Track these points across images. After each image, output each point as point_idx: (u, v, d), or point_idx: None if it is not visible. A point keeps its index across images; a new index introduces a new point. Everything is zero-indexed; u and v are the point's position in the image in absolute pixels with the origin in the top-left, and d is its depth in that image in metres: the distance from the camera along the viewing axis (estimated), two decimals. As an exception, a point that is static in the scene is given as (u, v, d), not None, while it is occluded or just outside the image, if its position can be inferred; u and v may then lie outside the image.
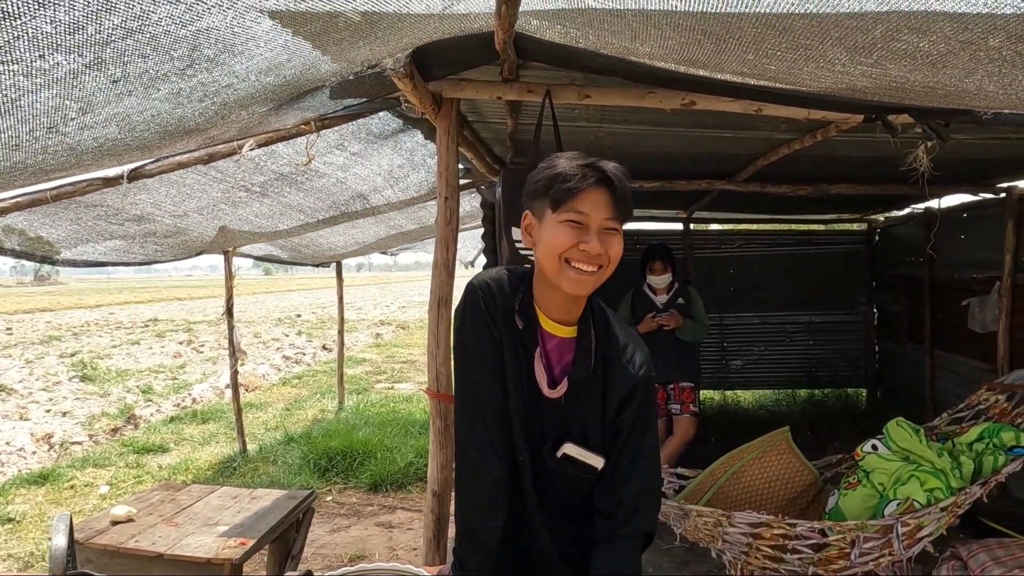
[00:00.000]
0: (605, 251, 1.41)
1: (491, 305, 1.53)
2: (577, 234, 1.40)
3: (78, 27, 1.40)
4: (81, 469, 6.34)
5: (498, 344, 1.52)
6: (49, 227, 3.75)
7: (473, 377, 1.53)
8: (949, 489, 3.15)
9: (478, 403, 1.52)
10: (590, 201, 1.40)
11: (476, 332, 1.52)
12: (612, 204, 1.41)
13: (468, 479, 1.53)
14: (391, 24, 1.95)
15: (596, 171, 1.41)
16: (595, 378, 1.53)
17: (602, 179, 1.40)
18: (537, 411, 1.53)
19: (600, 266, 1.42)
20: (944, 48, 1.24)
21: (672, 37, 1.72)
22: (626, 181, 1.44)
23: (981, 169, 4.95)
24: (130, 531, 2.94)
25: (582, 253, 1.40)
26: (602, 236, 1.41)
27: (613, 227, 1.42)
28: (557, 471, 1.54)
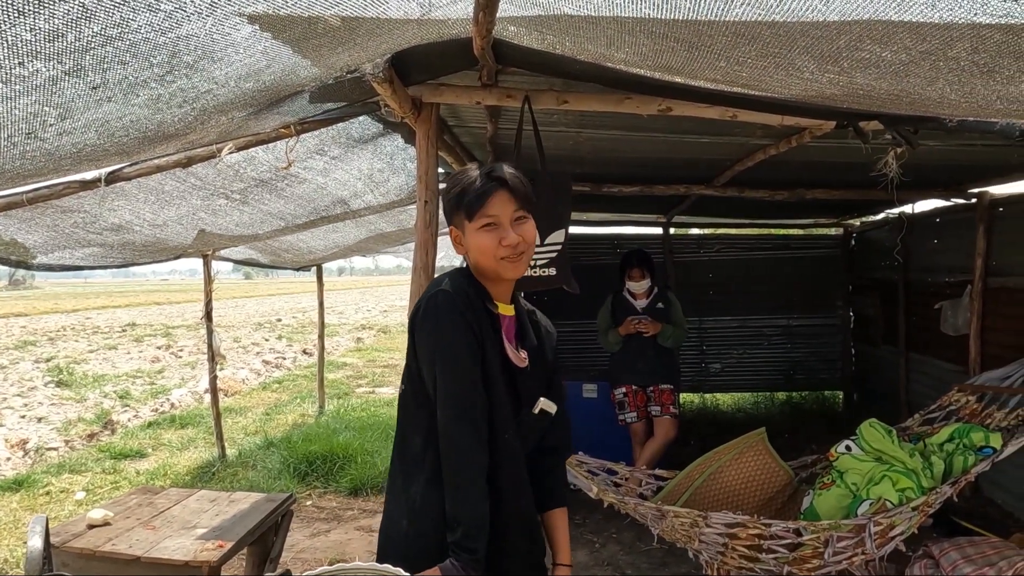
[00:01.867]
0: (522, 238, 1.68)
1: (467, 306, 1.68)
2: (496, 233, 1.67)
3: (58, 34, 1.41)
4: (57, 475, 6.27)
5: (479, 342, 1.67)
6: (25, 232, 3.71)
7: (459, 374, 1.65)
8: (920, 489, 3.21)
9: (466, 399, 1.64)
10: (496, 203, 1.67)
11: (459, 333, 1.65)
12: (514, 199, 1.68)
13: (465, 471, 1.62)
14: (370, 29, 1.97)
15: (492, 179, 1.68)
16: (538, 342, 1.86)
17: (500, 182, 1.68)
18: (514, 384, 1.75)
19: (523, 251, 1.70)
20: (906, 57, 1.28)
21: (646, 44, 1.75)
22: (520, 175, 1.73)
23: (952, 175, 5.05)
24: (107, 535, 2.92)
25: (506, 248, 1.67)
26: (515, 226, 1.68)
27: (521, 216, 1.70)
28: (532, 428, 1.80)
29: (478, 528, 1.60)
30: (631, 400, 4.99)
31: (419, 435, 1.71)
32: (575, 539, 4.57)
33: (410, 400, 1.75)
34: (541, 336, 1.88)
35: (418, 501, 1.69)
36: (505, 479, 1.71)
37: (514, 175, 1.70)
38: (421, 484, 1.69)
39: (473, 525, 1.60)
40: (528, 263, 1.75)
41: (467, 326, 1.65)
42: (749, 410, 8.52)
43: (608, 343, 5.06)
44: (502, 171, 1.70)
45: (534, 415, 1.78)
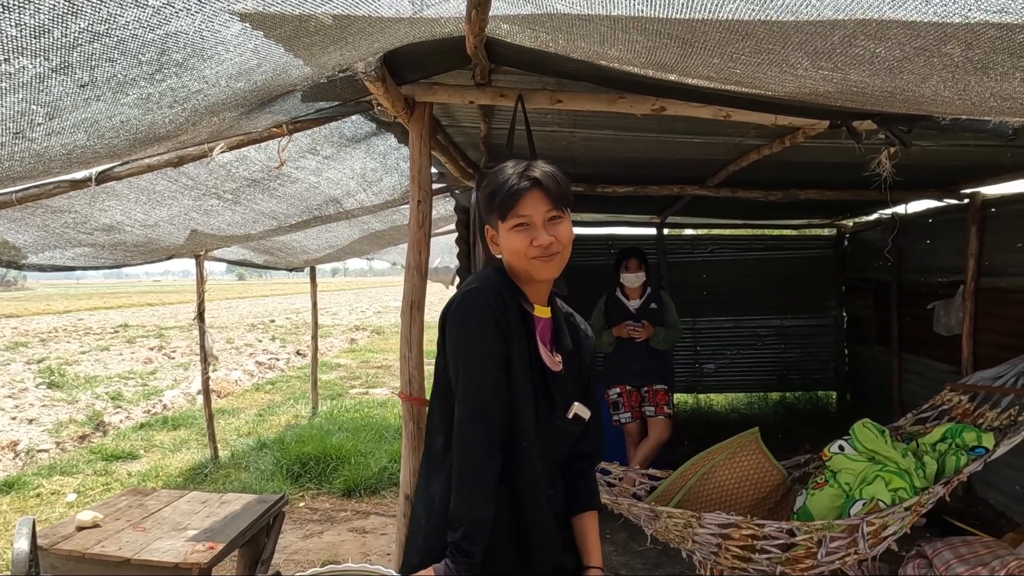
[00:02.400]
0: (555, 238, 1.64)
1: (499, 306, 1.67)
2: (528, 234, 1.64)
3: (44, 30, 1.39)
4: (48, 477, 6.23)
5: (505, 344, 1.66)
6: (15, 232, 3.69)
7: (479, 376, 1.65)
8: (913, 489, 3.21)
9: (482, 401, 1.64)
10: (529, 203, 1.64)
11: (485, 334, 1.65)
12: (547, 199, 1.64)
13: (472, 472, 1.63)
14: (362, 28, 1.95)
15: (525, 178, 1.65)
16: (573, 346, 1.83)
17: (532, 182, 1.64)
18: (546, 387, 1.73)
19: (557, 251, 1.66)
20: (900, 54, 1.28)
21: (639, 41, 1.75)
22: (556, 173, 1.68)
23: (945, 175, 5.06)
24: (96, 536, 2.90)
25: (537, 248, 1.63)
26: (548, 227, 1.64)
27: (555, 215, 1.65)
28: (565, 432, 1.78)
29: (478, 531, 1.59)
30: (625, 400, 5.00)
31: (441, 434, 1.73)
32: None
33: (436, 398, 1.76)
34: (578, 340, 1.86)
35: (437, 499, 1.70)
36: (521, 486, 1.70)
37: (549, 173, 1.67)
38: (441, 483, 1.70)
39: (473, 528, 1.59)
40: (563, 264, 1.71)
41: (495, 328, 1.64)
42: (743, 410, 8.53)
43: (602, 344, 5.06)
44: (536, 170, 1.66)
45: (568, 420, 1.76)
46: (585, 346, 1.88)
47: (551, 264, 1.67)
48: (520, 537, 1.71)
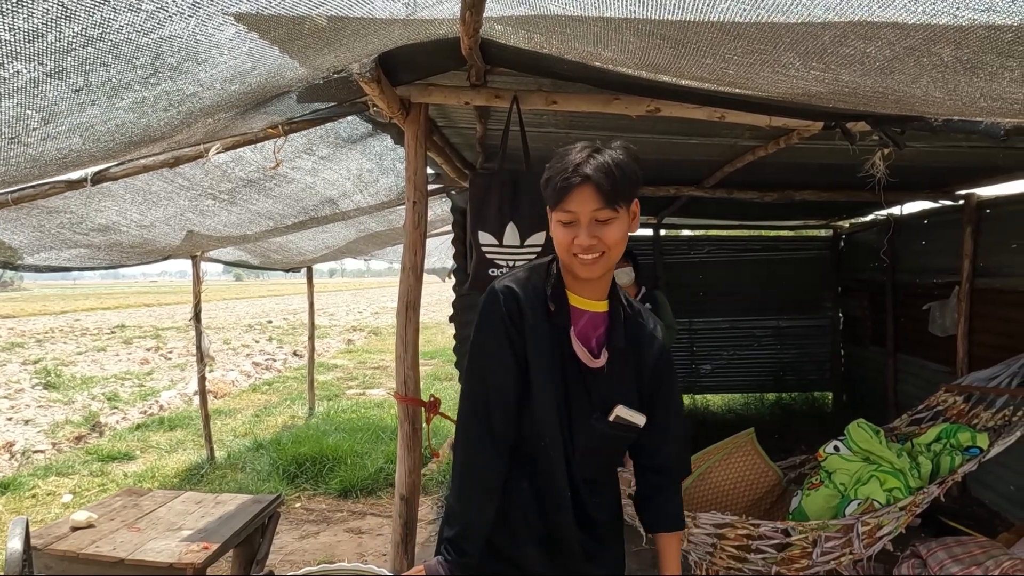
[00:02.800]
0: (599, 239, 1.55)
1: (512, 306, 1.65)
2: (571, 231, 1.57)
3: (38, 35, 1.39)
4: (43, 478, 6.23)
5: (518, 343, 1.64)
6: (11, 233, 3.69)
7: (482, 373, 1.66)
8: (908, 489, 3.22)
9: (482, 397, 1.64)
10: (576, 200, 1.54)
11: (494, 333, 1.65)
12: (598, 197, 1.53)
13: (469, 471, 1.64)
14: (357, 29, 1.96)
15: (577, 174, 1.53)
16: (628, 345, 1.71)
17: (585, 178, 1.53)
18: (581, 384, 1.66)
19: (602, 252, 1.57)
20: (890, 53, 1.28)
21: (632, 42, 1.75)
22: (616, 167, 1.54)
23: (939, 177, 5.08)
24: (91, 537, 2.90)
25: (578, 247, 1.56)
26: (593, 227, 1.55)
27: (603, 217, 1.55)
28: (607, 436, 1.68)
29: (474, 530, 1.60)
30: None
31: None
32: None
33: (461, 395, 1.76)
34: (640, 339, 1.75)
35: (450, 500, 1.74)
36: (542, 485, 1.68)
37: (607, 167, 1.54)
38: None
39: (469, 526, 1.60)
40: (608, 266, 1.62)
41: (503, 329, 1.63)
42: (739, 411, 8.54)
43: None
44: (591, 164, 1.54)
45: (609, 423, 1.66)
46: (650, 346, 1.75)
47: (593, 266, 1.59)
48: (546, 537, 1.70)
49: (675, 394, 1.81)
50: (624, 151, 1.59)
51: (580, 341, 1.67)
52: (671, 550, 1.77)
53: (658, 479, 1.79)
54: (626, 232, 1.61)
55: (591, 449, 1.68)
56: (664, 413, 1.76)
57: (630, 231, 1.64)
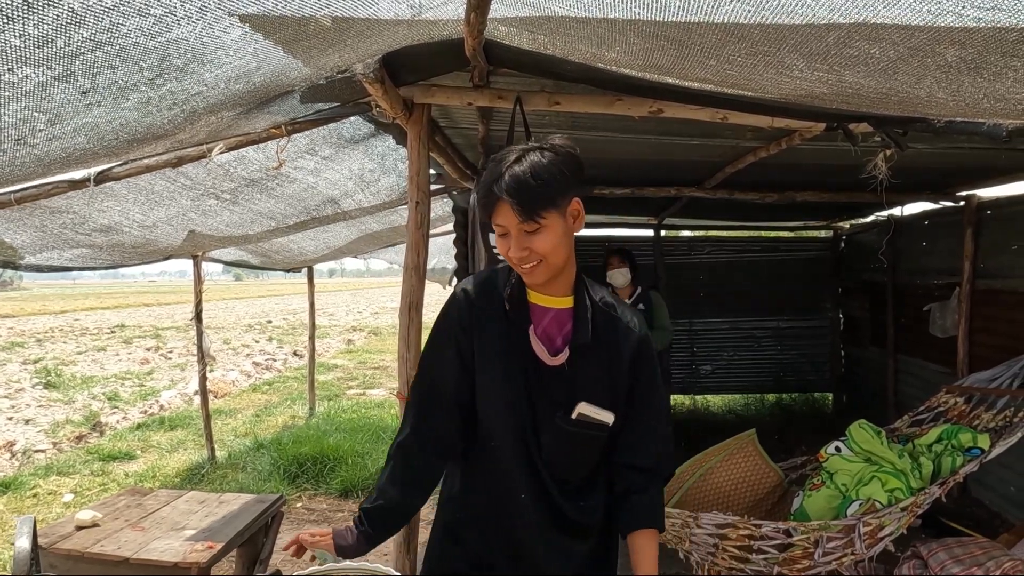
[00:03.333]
0: (530, 249, 1.53)
1: (466, 309, 1.67)
2: (505, 242, 1.56)
3: (47, 40, 1.40)
4: (44, 477, 6.23)
5: (465, 345, 1.66)
6: (13, 232, 3.69)
7: (429, 371, 1.71)
8: (909, 489, 3.23)
9: (424, 391, 1.70)
10: (500, 215, 1.53)
11: (442, 332, 1.70)
12: (516, 211, 1.49)
13: (396, 455, 1.69)
14: (361, 30, 1.96)
15: (492, 193, 1.51)
16: (597, 341, 1.65)
17: (502, 195, 1.50)
18: (541, 383, 1.63)
19: (538, 260, 1.55)
20: (894, 54, 1.29)
21: (636, 43, 1.76)
22: (532, 179, 1.49)
23: (940, 178, 5.08)
24: (95, 536, 2.91)
25: (511, 258, 1.56)
26: (522, 239, 1.53)
27: (529, 229, 1.52)
28: (571, 435, 1.63)
29: (380, 511, 1.65)
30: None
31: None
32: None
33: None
34: (612, 334, 1.68)
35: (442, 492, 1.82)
36: (487, 491, 1.69)
37: (522, 181, 1.49)
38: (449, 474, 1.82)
39: (378, 506, 1.65)
40: (551, 271, 1.58)
41: (452, 328, 1.67)
42: (739, 412, 8.55)
43: None
44: (507, 180, 1.50)
45: (572, 421, 1.62)
46: (625, 340, 1.68)
47: (533, 273, 1.57)
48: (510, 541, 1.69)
49: (656, 390, 1.73)
50: (551, 153, 1.54)
51: (544, 339, 1.64)
52: (648, 549, 1.66)
53: (640, 479, 1.70)
54: (561, 237, 1.56)
55: (559, 449, 1.65)
56: (644, 409, 1.70)
57: (574, 231, 1.61)
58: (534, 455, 1.64)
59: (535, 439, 1.64)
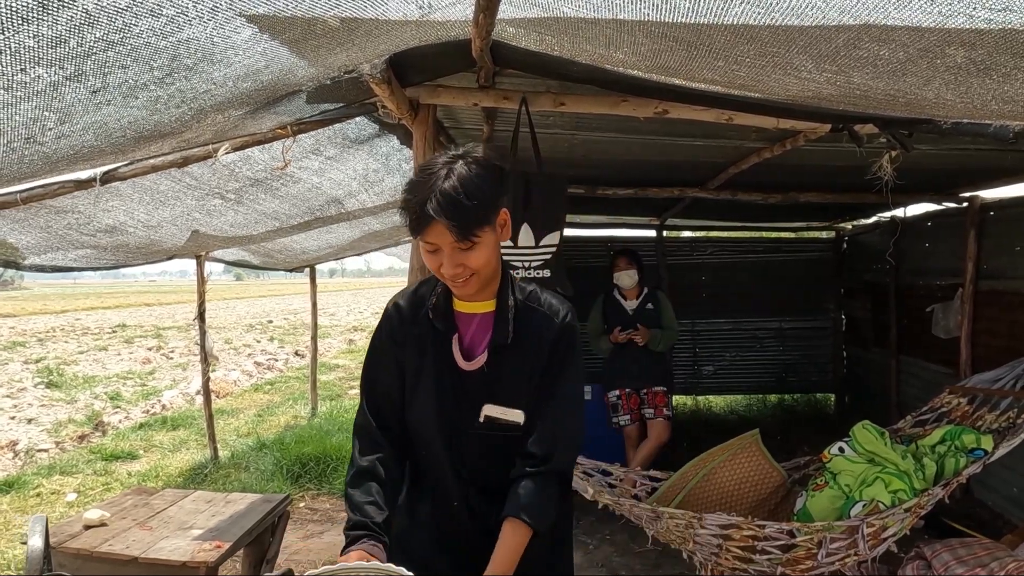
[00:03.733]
0: (464, 265, 1.51)
1: (395, 325, 1.70)
2: (436, 258, 1.52)
3: (60, 40, 1.41)
4: (47, 477, 6.23)
5: (399, 358, 1.68)
6: (18, 233, 3.69)
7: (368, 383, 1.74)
8: (912, 490, 3.23)
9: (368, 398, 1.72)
10: (433, 234, 1.48)
11: (381, 351, 1.72)
12: (449, 231, 1.45)
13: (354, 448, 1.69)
14: (369, 30, 1.97)
15: (425, 215, 1.44)
16: (519, 338, 1.62)
17: (434, 216, 1.43)
18: (465, 390, 1.64)
19: (471, 274, 1.53)
20: (903, 56, 1.30)
21: (645, 44, 1.77)
22: (464, 198, 1.44)
23: (944, 179, 5.09)
24: (103, 535, 2.91)
25: (443, 275, 1.54)
26: (456, 256, 1.49)
27: (463, 247, 1.49)
28: (482, 438, 1.63)
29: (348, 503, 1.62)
30: (624, 403, 5.01)
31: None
32: (569, 540, 4.57)
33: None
34: (531, 327, 1.64)
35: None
36: (429, 500, 1.71)
37: (451, 203, 1.43)
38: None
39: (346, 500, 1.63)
40: (481, 283, 1.57)
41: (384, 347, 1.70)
42: (742, 412, 8.55)
43: (600, 348, 5.07)
44: (438, 199, 1.43)
45: (480, 424, 1.62)
46: (546, 330, 1.64)
47: (465, 286, 1.55)
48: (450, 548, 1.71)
49: (567, 379, 1.65)
50: (477, 167, 1.50)
51: (471, 345, 1.65)
52: (505, 543, 1.55)
53: (527, 465, 1.61)
54: (493, 250, 1.56)
55: (477, 454, 1.65)
56: (549, 397, 1.63)
57: (502, 239, 1.62)
58: (457, 463, 1.66)
59: (458, 446, 1.66)
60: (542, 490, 1.59)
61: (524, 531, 1.56)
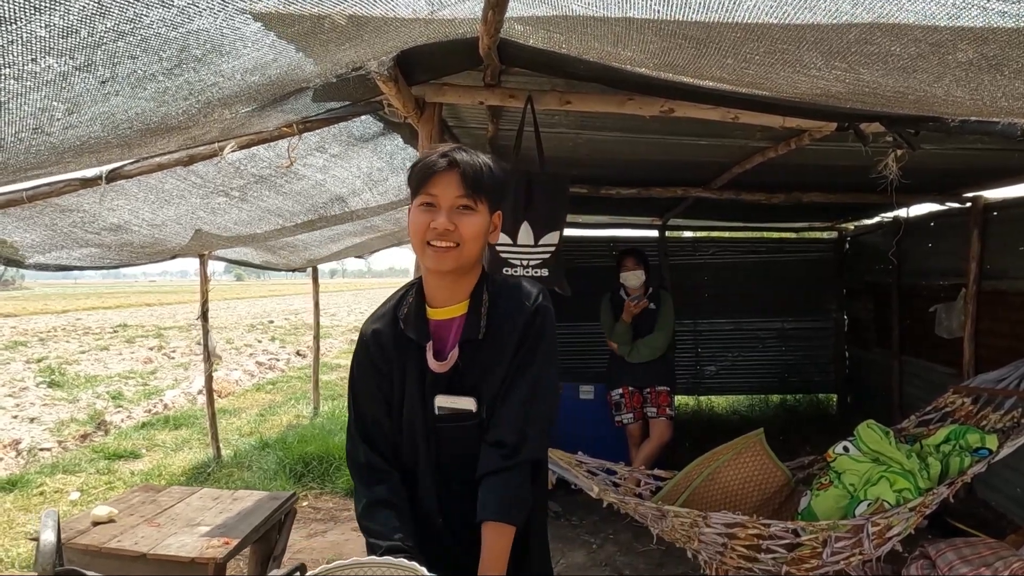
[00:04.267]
0: (456, 227, 1.53)
1: (375, 347, 1.67)
2: (428, 215, 1.54)
3: (71, 31, 1.42)
4: (50, 475, 6.24)
5: (386, 377, 1.65)
6: (23, 231, 3.69)
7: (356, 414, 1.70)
8: (917, 490, 3.23)
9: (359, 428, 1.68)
10: (440, 184, 1.53)
11: (361, 374, 1.69)
12: (461, 184, 1.53)
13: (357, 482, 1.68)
14: (377, 27, 1.97)
15: (445, 157, 1.54)
16: (494, 330, 1.61)
17: (451, 163, 1.53)
18: (441, 393, 1.62)
19: (456, 243, 1.54)
20: (915, 51, 1.30)
21: (654, 42, 1.77)
22: (483, 164, 1.57)
23: (948, 179, 5.09)
24: (112, 532, 2.92)
25: (433, 231, 1.53)
26: (453, 214, 1.54)
27: (465, 204, 1.54)
28: (441, 431, 1.62)
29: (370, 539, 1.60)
30: (627, 401, 5.01)
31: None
32: (571, 540, 4.58)
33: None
34: (504, 315, 1.62)
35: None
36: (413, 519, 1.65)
37: (474, 162, 1.55)
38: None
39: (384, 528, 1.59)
40: (460, 260, 1.56)
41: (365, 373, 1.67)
42: (744, 413, 8.55)
43: (618, 335, 5.02)
44: (459, 154, 1.55)
45: (436, 416, 1.61)
46: (518, 314, 1.61)
47: (445, 256, 1.53)
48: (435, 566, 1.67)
49: (535, 364, 1.60)
50: (493, 159, 1.61)
51: (443, 349, 1.63)
52: (493, 545, 1.52)
53: (497, 456, 1.56)
54: (484, 233, 1.58)
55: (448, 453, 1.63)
56: (517, 383, 1.59)
57: (489, 240, 1.63)
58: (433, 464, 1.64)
59: (430, 455, 1.64)
60: (513, 481, 1.56)
61: (507, 531, 1.54)
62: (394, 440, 1.67)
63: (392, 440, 1.67)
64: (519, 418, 1.57)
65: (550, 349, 1.64)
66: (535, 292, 1.66)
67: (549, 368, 1.63)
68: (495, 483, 1.55)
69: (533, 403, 1.59)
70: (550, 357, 1.64)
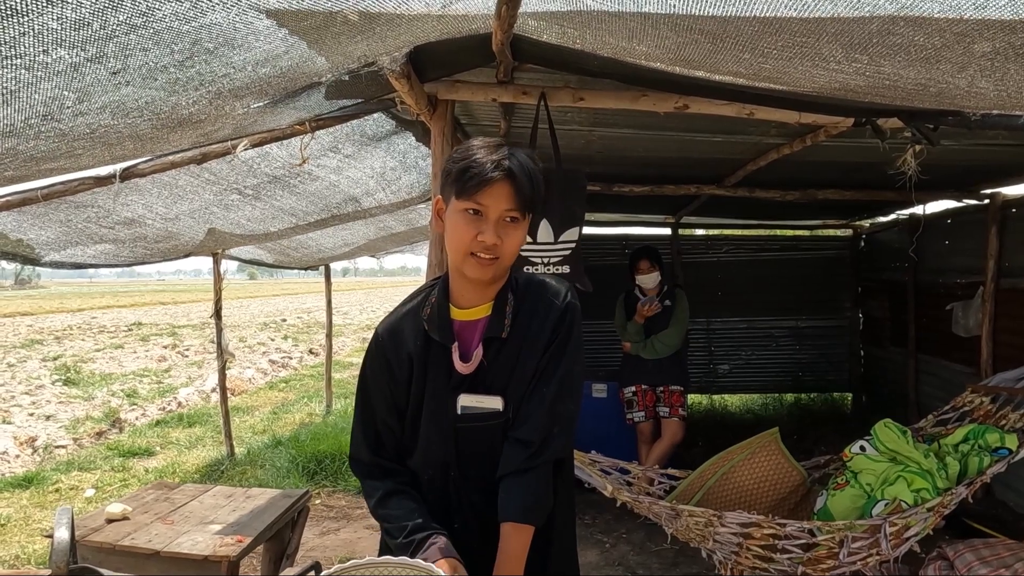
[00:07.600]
0: (501, 241, 1.48)
1: (391, 347, 1.63)
2: (476, 225, 1.48)
3: (83, 23, 1.42)
4: (66, 472, 6.28)
5: (399, 378, 1.61)
6: (38, 228, 3.72)
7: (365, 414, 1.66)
8: (935, 489, 3.19)
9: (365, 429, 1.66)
10: (492, 195, 1.47)
11: (374, 373, 1.65)
12: (513, 196, 1.47)
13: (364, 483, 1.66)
14: (389, 22, 1.97)
15: (502, 168, 1.46)
16: (521, 328, 1.58)
17: (508, 174, 1.47)
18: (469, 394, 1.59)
19: (498, 256, 1.50)
20: (939, 41, 1.27)
21: (669, 37, 1.75)
22: (534, 173, 1.52)
23: (965, 176, 5.03)
24: (125, 529, 2.93)
25: (479, 244, 1.47)
26: (500, 227, 1.48)
27: (513, 216, 1.50)
28: (464, 432, 1.58)
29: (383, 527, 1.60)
30: (640, 399, 4.98)
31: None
32: (584, 539, 4.56)
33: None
34: (532, 314, 1.60)
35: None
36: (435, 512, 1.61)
37: (527, 169, 1.50)
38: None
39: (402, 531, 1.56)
40: (499, 271, 1.54)
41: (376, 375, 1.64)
42: (757, 411, 8.50)
43: (629, 336, 5.01)
44: (515, 162, 1.48)
45: (459, 416, 1.57)
46: (547, 314, 1.59)
47: (487, 267, 1.50)
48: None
49: (564, 362, 1.58)
50: (537, 161, 1.56)
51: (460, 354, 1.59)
52: (511, 547, 1.50)
53: (520, 455, 1.53)
54: (521, 244, 1.55)
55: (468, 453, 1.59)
56: (543, 380, 1.57)
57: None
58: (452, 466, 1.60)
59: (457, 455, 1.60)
60: (536, 482, 1.54)
61: (526, 532, 1.52)
62: (400, 440, 1.65)
63: (399, 440, 1.65)
64: (545, 416, 1.55)
65: (578, 347, 1.62)
66: (563, 290, 1.64)
67: (576, 366, 1.61)
68: (517, 485, 1.53)
69: (560, 401, 1.57)
70: (577, 355, 1.62)
